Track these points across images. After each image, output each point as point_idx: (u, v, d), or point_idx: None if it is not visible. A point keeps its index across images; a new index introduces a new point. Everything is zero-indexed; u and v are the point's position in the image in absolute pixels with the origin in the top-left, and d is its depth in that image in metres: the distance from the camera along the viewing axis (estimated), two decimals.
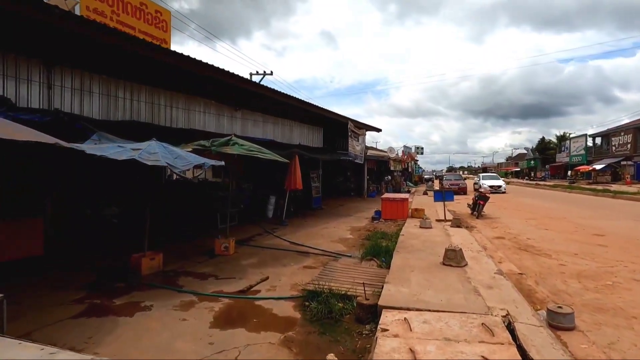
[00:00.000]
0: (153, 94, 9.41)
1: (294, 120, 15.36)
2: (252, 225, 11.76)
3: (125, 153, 5.16)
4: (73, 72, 7.73)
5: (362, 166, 21.53)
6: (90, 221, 8.15)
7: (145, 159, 5.20)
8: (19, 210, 6.86)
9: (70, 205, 7.95)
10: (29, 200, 7.01)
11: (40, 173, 7.18)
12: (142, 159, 5.14)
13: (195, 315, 4.52)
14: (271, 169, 19.24)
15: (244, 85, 10.26)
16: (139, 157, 5.10)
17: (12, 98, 6.81)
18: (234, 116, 12.11)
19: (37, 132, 4.08)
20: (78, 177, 8.09)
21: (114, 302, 4.90)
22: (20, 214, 6.85)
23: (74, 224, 7.86)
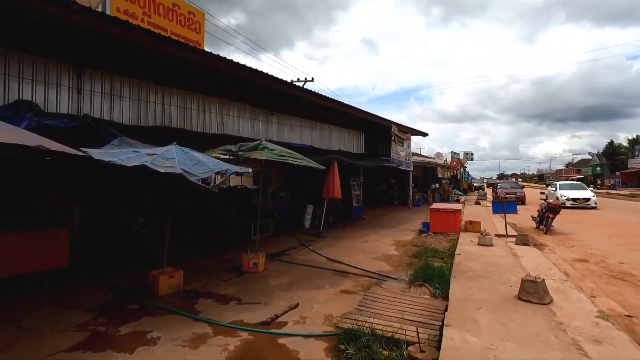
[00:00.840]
0: (185, 98, 9.01)
1: (333, 124, 14.49)
2: (287, 237, 10.97)
3: (137, 159, 4.54)
4: (103, 76, 7.47)
5: (406, 173, 20.10)
6: (118, 231, 7.80)
7: (159, 165, 4.55)
8: (45, 220, 6.58)
9: (98, 215, 7.64)
10: (55, 210, 6.73)
11: (66, 181, 6.90)
12: (155, 165, 4.49)
13: (205, 354, 3.70)
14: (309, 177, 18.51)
15: (279, 86, 9.57)
16: (151, 164, 4.45)
17: (41, 103, 6.61)
18: (270, 121, 11.49)
19: (22, 134, 3.52)
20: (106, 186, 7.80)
21: (119, 330, 4.24)
22: (46, 224, 6.56)
23: (101, 234, 7.53)
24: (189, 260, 7.65)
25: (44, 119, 6.26)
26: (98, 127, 6.83)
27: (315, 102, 11.72)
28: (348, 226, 13.40)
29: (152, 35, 6.59)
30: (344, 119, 15.08)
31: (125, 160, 4.41)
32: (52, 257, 6.50)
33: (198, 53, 7.60)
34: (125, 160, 4.41)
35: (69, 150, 3.65)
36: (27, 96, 6.46)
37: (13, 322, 4.40)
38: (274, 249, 9.09)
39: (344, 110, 13.18)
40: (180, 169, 4.57)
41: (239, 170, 5.33)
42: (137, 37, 6.35)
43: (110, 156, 4.45)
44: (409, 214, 17.41)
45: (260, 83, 9.26)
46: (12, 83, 6.30)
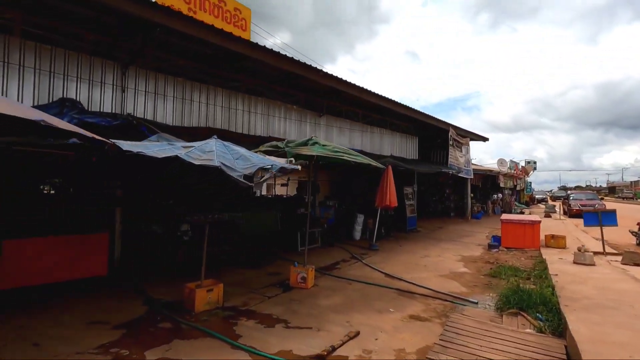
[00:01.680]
0: (230, 98, 8.51)
1: (384, 127, 13.42)
2: (337, 249, 9.97)
3: (170, 151, 3.86)
4: (148, 74, 7.14)
5: (464, 182, 18.31)
6: (160, 238, 7.32)
7: (194, 157, 3.83)
8: (85, 225, 6.21)
9: (140, 219, 7.23)
10: (96, 213, 6.35)
11: (108, 183, 6.54)
12: (190, 157, 3.78)
13: None
14: (358, 184, 17.47)
15: (329, 82, 8.78)
16: (186, 156, 3.75)
17: (85, 101, 6.35)
18: (318, 123, 10.71)
19: (28, 111, 2.94)
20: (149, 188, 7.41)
21: (144, 356, 3.49)
22: (85, 228, 6.19)
23: (142, 240, 7.08)
24: (230, 272, 6.94)
25: (86, 117, 5.96)
26: (139, 125, 6.44)
27: (366, 101, 10.79)
28: (402, 239, 12.10)
29: (202, 27, 6.12)
30: (396, 121, 13.96)
31: (157, 152, 3.75)
32: (91, 265, 6.09)
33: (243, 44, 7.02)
34: (157, 152, 3.74)
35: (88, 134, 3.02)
36: (72, 94, 6.23)
37: (33, 338, 3.84)
38: (323, 261, 8.14)
39: (396, 111, 12.10)
40: (218, 162, 3.82)
41: (286, 167, 4.50)
42: (188, 28, 5.90)
43: (141, 147, 3.81)
44: (470, 227, 15.62)
45: (309, 79, 8.55)
46: (57, 81, 6.09)
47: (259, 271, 7.20)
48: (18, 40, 5.73)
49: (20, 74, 5.74)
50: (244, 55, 6.95)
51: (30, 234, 5.55)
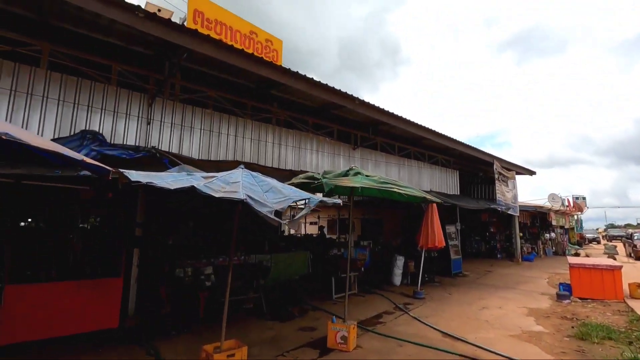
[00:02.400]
0: (260, 130, 7.99)
1: (422, 160, 12.47)
2: (376, 297, 8.77)
3: (187, 181, 3.14)
4: (175, 105, 6.76)
5: (509, 220, 16.64)
6: (180, 283, 6.54)
7: (215, 189, 3.09)
8: (96, 267, 5.55)
9: (160, 261, 6.52)
10: (110, 255, 5.69)
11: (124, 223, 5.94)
12: (209, 189, 3.04)
13: None
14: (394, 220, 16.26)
15: (365, 110, 8.11)
16: (205, 187, 3.01)
17: (108, 134, 5.95)
18: (352, 156, 9.97)
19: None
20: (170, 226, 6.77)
21: None
22: (97, 272, 5.52)
23: (160, 285, 6.31)
24: (256, 325, 5.97)
25: (105, 150, 5.51)
26: (161, 157, 5.92)
27: (404, 131, 10.03)
28: (449, 285, 10.67)
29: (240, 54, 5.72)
30: (435, 154, 13.00)
31: (170, 182, 3.04)
32: (101, 315, 5.34)
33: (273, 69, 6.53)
34: (171, 183, 3.03)
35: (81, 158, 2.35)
36: (95, 126, 5.86)
37: None
38: (363, 313, 7.00)
39: (435, 142, 11.21)
40: (244, 194, 3.04)
41: (326, 200, 3.67)
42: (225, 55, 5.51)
43: (153, 178, 3.12)
44: (523, 271, 13.81)
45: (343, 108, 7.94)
46: (81, 112, 5.76)
47: (290, 325, 6.17)
48: (44, 71, 5.50)
49: (43, 106, 5.44)
50: (275, 82, 6.46)
51: (34, 278, 4.94)
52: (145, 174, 3.23)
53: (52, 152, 2.08)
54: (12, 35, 5.28)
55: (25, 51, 5.40)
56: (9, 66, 5.22)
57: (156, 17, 4.70)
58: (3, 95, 5.13)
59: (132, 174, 3.18)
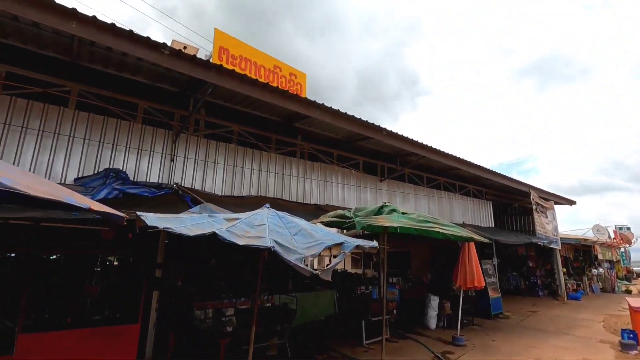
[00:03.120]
0: (284, 164, 7.76)
1: (452, 192, 11.84)
2: (410, 342, 7.97)
3: (208, 226, 2.82)
4: (198, 141, 6.67)
5: (551, 253, 15.39)
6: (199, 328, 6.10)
7: (238, 234, 2.74)
8: (113, 313, 5.22)
9: (179, 304, 6.15)
10: (127, 299, 5.38)
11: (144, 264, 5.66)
12: (232, 234, 2.70)
13: None
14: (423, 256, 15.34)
15: (393, 141, 7.76)
16: (226, 232, 2.67)
17: (132, 171, 5.86)
18: (379, 189, 9.54)
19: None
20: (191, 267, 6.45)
21: None
22: (113, 318, 5.19)
23: (180, 332, 5.89)
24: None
25: (127, 188, 5.37)
26: (184, 195, 5.71)
27: (433, 161, 9.55)
28: (490, 328, 9.66)
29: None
30: (467, 184, 12.35)
31: (190, 227, 2.72)
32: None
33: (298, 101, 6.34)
34: (191, 228, 2.71)
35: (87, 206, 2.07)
36: (119, 164, 5.79)
37: None
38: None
39: (467, 172, 10.63)
40: (271, 241, 2.68)
41: (363, 245, 3.24)
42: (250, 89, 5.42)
43: (173, 222, 2.82)
44: (571, 312, 12.48)
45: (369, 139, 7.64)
46: (105, 151, 5.71)
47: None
48: (72, 111, 5.54)
49: (69, 145, 5.42)
50: (300, 114, 6.28)
51: (48, 326, 4.65)
52: (164, 218, 2.94)
53: (53, 201, 1.82)
54: (43, 77, 5.38)
55: (55, 92, 5.47)
56: (38, 107, 5.27)
57: (181, 54, 4.65)
58: (31, 136, 5.14)
59: (150, 217, 2.90)
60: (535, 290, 16.30)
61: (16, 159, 4.94)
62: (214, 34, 7.90)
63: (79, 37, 4.24)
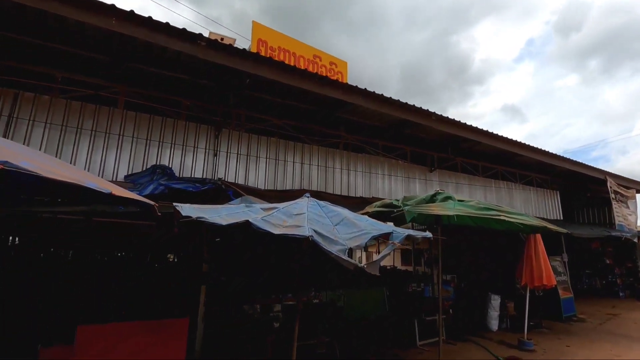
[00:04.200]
0: (327, 156, 7.50)
1: (512, 181, 10.79)
2: (470, 345, 7.31)
3: (243, 215, 2.62)
4: (240, 136, 6.63)
5: (632, 249, 13.51)
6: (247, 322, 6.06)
7: (274, 223, 2.51)
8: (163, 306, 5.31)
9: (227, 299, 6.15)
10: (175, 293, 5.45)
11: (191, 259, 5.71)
12: (268, 223, 2.47)
13: None
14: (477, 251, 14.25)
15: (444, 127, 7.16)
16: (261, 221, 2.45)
17: (177, 167, 5.95)
18: (429, 179, 8.93)
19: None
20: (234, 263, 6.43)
21: None
22: (163, 311, 5.27)
23: (228, 325, 5.88)
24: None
25: (172, 184, 5.42)
26: (226, 189, 5.67)
27: (489, 148, 8.73)
28: (562, 332, 8.62)
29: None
30: (529, 173, 11.20)
31: (224, 217, 2.54)
32: (164, 358, 5.01)
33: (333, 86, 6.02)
34: (225, 217, 2.53)
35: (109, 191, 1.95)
36: (165, 160, 5.90)
37: None
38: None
39: (529, 159, 9.59)
40: (310, 230, 2.40)
41: (415, 235, 2.86)
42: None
43: (207, 212, 2.67)
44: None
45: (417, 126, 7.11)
46: (152, 148, 5.86)
47: None
48: (121, 111, 5.73)
49: (119, 144, 5.62)
50: (342, 102, 5.96)
51: (104, 318, 4.82)
52: (199, 208, 2.80)
53: (74, 185, 1.71)
54: (94, 80, 5.61)
55: (106, 94, 5.70)
56: (91, 109, 5.52)
57: (217, 44, 4.57)
58: (85, 136, 5.38)
59: (185, 208, 2.77)
60: (614, 290, 14.42)
61: (72, 158, 5.19)
62: (252, 27, 7.86)
63: (119, 34, 4.30)
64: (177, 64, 5.44)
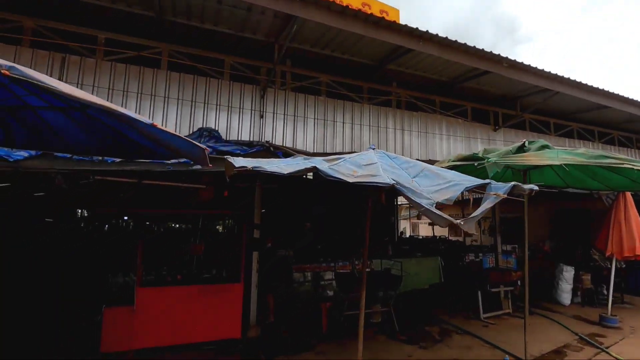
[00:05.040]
0: (379, 115, 6.88)
1: (590, 140, 9.46)
2: (540, 319, 6.67)
3: (305, 164, 2.20)
4: (287, 95, 6.19)
5: None
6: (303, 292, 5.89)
7: (344, 173, 2.05)
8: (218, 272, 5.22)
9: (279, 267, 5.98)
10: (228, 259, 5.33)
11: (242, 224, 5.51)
12: (336, 172, 2.02)
13: None
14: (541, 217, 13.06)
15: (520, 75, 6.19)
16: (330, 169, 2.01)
17: (223, 129, 5.68)
18: (492, 139, 8.00)
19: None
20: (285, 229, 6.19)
21: None
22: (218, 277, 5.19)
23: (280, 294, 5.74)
24: (390, 349, 4.81)
25: (220, 146, 5.17)
26: (275, 151, 5.33)
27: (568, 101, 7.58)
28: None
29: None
30: (609, 131, 9.77)
31: (283, 167, 2.13)
32: (223, 324, 4.97)
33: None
34: (283, 167, 2.12)
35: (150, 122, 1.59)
36: (211, 122, 5.65)
37: None
38: (534, 345, 5.14)
39: (614, 114, 8.26)
40: (390, 179, 1.92)
41: (523, 187, 2.27)
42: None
43: (263, 164, 2.27)
44: None
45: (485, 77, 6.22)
46: (198, 110, 5.61)
47: (432, 352, 4.84)
48: (164, 72, 5.49)
49: (165, 106, 5.42)
50: (398, 51, 5.24)
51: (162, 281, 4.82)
52: (255, 160, 2.41)
53: (109, 111, 1.37)
54: (136, 40, 5.38)
55: (148, 54, 5.47)
56: (135, 71, 5.32)
57: None
58: (131, 99, 5.23)
59: (238, 160, 2.41)
60: None
61: None
62: None
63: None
64: (219, 17, 5.03)
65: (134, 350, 4.48)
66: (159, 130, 1.74)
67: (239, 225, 5.82)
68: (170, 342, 4.65)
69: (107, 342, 4.35)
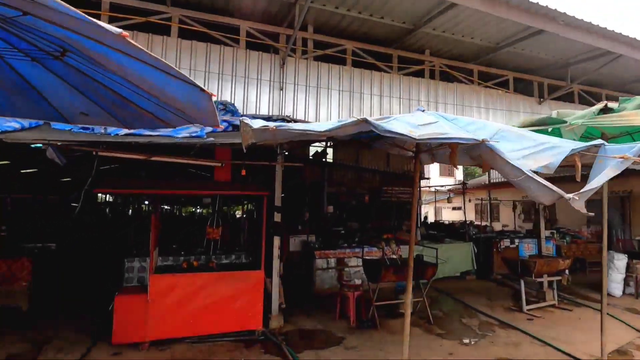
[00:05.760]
0: (411, 87, 6.20)
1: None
2: (592, 312, 5.98)
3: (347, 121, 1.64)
4: (308, 64, 5.60)
5: None
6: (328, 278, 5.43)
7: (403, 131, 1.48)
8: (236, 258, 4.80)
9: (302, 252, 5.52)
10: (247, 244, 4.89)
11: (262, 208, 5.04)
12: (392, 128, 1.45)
13: None
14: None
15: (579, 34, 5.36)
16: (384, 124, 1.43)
17: (240, 103, 5.17)
18: (536, 112, 7.17)
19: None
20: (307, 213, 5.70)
21: None
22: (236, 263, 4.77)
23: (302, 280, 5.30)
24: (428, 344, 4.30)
25: (236, 121, 4.67)
26: None
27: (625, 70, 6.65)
28: None
29: None
30: None
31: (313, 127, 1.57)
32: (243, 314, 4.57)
33: None
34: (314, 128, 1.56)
35: None
36: (226, 95, 5.15)
37: None
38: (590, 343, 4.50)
39: None
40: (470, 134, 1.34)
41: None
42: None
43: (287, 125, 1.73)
44: None
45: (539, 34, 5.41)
46: (212, 81, 5.10)
47: (476, 349, 4.30)
48: (175, 40, 5.00)
49: None
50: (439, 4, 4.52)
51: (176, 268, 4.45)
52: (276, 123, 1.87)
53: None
54: (143, 4, 4.88)
55: (157, 20, 4.97)
56: (143, 38, 4.84)
57: None
58: None
59: (256, 121, 1.87)
60: None
61: None
62: None
63: None
64: None
65: (149, 341, 4.15)
66: (136, 51, 1.23)
67: (258, 208, 5.35)
68: (187, 334, 4.30)
69: (119, 333, 4.03)
